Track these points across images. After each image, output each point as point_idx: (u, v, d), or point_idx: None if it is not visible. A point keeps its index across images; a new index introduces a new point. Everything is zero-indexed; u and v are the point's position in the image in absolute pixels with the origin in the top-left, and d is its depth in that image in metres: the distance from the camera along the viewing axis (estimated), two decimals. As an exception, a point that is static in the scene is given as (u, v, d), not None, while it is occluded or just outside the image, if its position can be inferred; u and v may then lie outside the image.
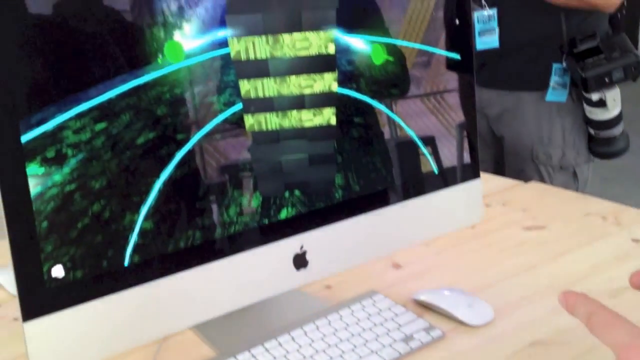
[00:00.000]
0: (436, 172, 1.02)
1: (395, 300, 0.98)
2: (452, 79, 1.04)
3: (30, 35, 0.68)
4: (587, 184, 1.99)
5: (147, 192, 0.77)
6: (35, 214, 0.69)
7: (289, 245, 0.89)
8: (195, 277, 0.81)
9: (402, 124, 0.98)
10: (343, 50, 0.91)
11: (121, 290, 0.75)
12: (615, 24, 1.90)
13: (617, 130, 1.86)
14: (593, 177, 2.03)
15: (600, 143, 1.90)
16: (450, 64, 1.03)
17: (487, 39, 1.88)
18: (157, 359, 0.89)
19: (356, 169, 0.93)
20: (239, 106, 0.84)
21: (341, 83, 0.91)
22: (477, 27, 1.88)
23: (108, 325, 0.75)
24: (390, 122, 0.98)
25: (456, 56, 1.03)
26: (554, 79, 1.85)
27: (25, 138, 0.68)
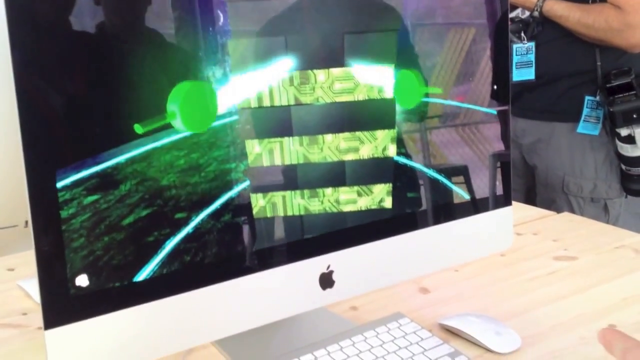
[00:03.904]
0: (467, 198, 1.01)
1: (421, 324, 0.96)
2: (487, 110, 1.03)
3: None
4: (620, 219, 1.96)
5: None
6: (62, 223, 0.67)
7: (316, 265, 0.88)
8: (220, 292, 0.80)
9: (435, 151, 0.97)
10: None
11: (145, 302, 0.75)
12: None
13: None
14: (626, 213, 2.01)
15: (632, 180, 1.89)
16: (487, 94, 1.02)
17: (523, 71, 1.90)
18: (180, 372, 0.89)
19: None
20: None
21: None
22: (515, 59, 1.90)
23: (130, 336, 0.74)
24: (424, 148, 0.96)
25: (494, 100, 1.00)
26: (586, 112, 1.86)
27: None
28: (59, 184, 0.63)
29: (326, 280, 0.89)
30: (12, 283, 1.17)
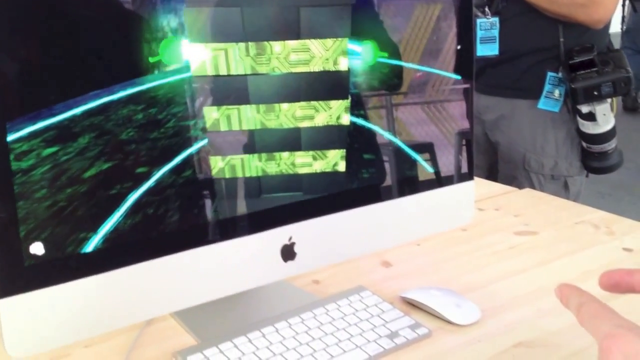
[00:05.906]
0: (431, 173, 1.01)
1: (383, 297, 0.97)
2: (451, 87, 1.03)
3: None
4: (580, 197, 1.98)
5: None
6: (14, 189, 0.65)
7: (278, 236, 0.87)
8: (179, 262, 0.79)
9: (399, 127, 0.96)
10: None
11: (103, 272, 0.73)
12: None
13: (608, 146, 1.87)
14: (588, 192, 2.03)
15: (593, 157, 1.91)
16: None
17: (487, 47, 1.90)
18: (137, 344, 0.88)
19: (351, 164, 0.91)
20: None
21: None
22: (479, 34, 1.89)
23: (88, 306, 0.73)
24: (390, 124, 0.96)
25: (457, 77, 1.00)
26: (548, 87, 1.87)
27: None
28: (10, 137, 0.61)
29: (288, 252, 0.88)
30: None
